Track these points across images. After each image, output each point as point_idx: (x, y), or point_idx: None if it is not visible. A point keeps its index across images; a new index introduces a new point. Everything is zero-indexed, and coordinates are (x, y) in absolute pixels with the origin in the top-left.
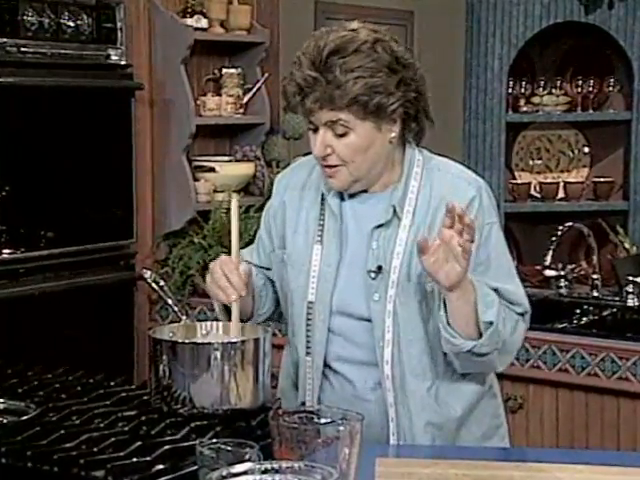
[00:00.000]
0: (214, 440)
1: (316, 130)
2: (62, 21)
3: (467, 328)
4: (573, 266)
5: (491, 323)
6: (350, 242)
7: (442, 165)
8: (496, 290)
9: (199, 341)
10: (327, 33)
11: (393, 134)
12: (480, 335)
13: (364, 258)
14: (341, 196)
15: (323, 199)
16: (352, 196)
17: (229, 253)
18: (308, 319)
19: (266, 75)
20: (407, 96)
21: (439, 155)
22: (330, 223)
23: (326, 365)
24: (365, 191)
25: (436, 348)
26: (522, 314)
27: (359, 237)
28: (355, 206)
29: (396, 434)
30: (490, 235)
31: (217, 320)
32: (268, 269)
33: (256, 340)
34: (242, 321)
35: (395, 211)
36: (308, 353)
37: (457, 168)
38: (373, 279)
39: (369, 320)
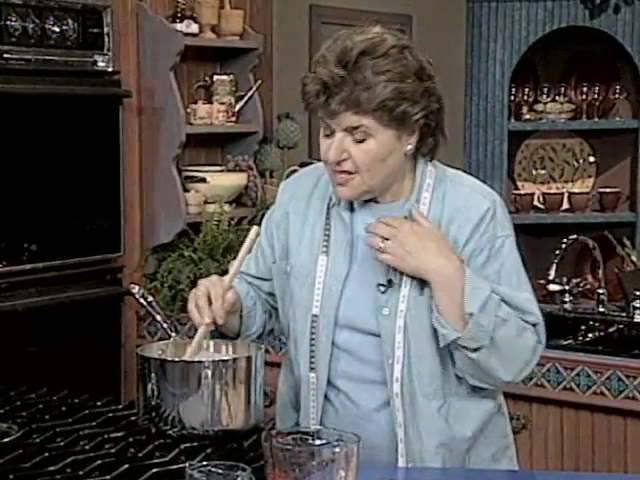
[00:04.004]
0: (204, 462)
1: (330, 134)
2: (47, 26)
3: (455, 318)
4: (578, 280)
5: (471, 314)
6: (359, 254)
7: (455, 177)
8: (505, 297)
9: (189, 359)
10: (351, 34)
11: (410, 146)
12: None
13: (373, 271)
14: (351, 207)
15: (329, 209)
16: (363, 207)
17: (220, 269)
18: (312, 333)
19: (259, 82)
20: (431, 107)
21: (450, 167)
22: (338, 233)
23: (330, 384)
24: (377, 202)
25: (447, 366)
26: (533, 324)
27: (368, 249)
28: (366, 217)
29: (405, 456)
30: (502, 248)
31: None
32: (264, 279)
33: (248, 358)
34: (230, 339)
35: None
36: (312, 369)
37: (471, 181)
38: (383, 293)
39: (377, 335)
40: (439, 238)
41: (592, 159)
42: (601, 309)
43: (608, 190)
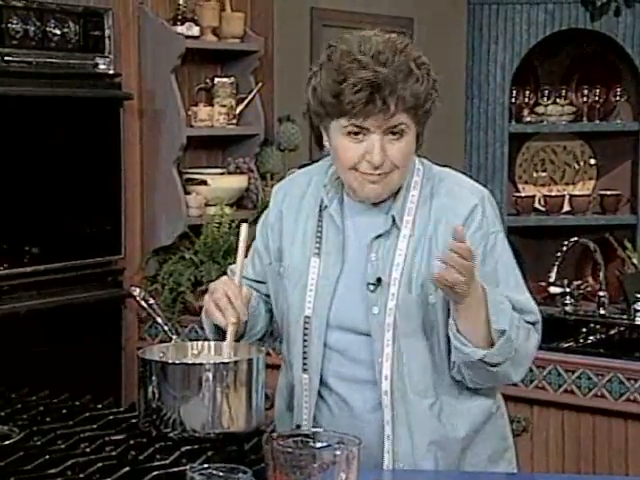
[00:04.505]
0: (205, 465)
1: (355, 135)
2: (48, 29)
3: (478, 336)
4: (579, 282)
5: (503, 332)
6: (349, 254)
7: (443, 174)
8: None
9: (190, 361)
10: (366, 36)
11: (414, 144)
12: (492, 344)
13: (363, 270)
14: (342, 208)
15: (320, 210)
16: (353, 208)
17: (221, 271)
18: (305, 334)
19: (260, 84)
20: (436, 104)
21: (440, 165)
22: (330, 235)
23: (323, 384)
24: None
25: (440, 363)
26: (534, 323)
27: (358, 249)
28: (355, 217)
29: (391, 452)
30: (496, 244)
31: (209, 339)
32: (262, 282)
33: (249, 360)
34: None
35: (394, 221)
36: (305, 370)
37: (458, 177)
38: (372, 292)
39: (368, 335)
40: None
41: (593, 161)
42: (602, 311)
43: (609, 192)
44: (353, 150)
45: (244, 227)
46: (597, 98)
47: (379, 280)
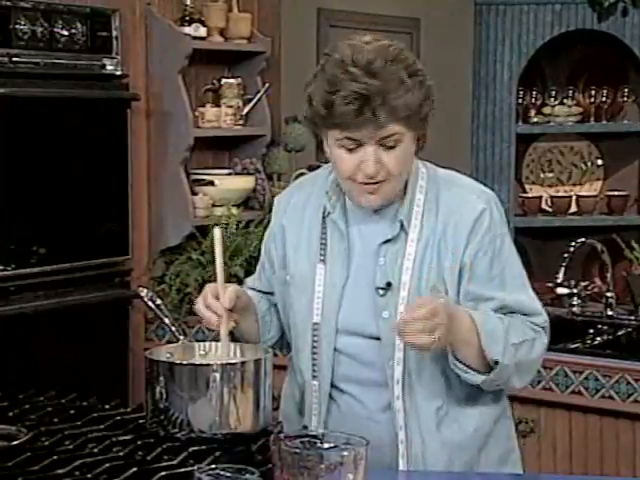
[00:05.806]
0: (213, 466)
1: (354, 148)
2: (55, 30)
3: (476, 362)
4: (586, 283)
5: (497, 362)
6: (355, 260)
7: (448, 177)
8: (512, 304)
9: (197, 362)
10: (358, 45)
11: (414, 147)
12: (491, 367)
13: (371, 275)
14: (346, 215)
15: (324, 217)
16: (356, 214)
17: (228, 272)
18: (314, 341)
19: (267, 85)
20: (432, 110)
21: (445, 167)
22: (335, 242)
23: (333, 387)
24: None
25: (448, 368)
26: (542, 326)
27: (365, 254)
28: (359, 223)
29: (405, 457)
30: (502, 247)
31: (216, 340)
32: (271, 293)
33: (257, 361)
34: None
35: (402, 225)
36: (314, 377)
37: (464, 180)
38: (382, 296)
39: (378, 338)
40: (447, 299)
41: (600, 162)
42: (609, 312)
43: (616, 193)
44: (348, 161)
45: (217, 231)
46: (604, 99)
47: (389, 284)
